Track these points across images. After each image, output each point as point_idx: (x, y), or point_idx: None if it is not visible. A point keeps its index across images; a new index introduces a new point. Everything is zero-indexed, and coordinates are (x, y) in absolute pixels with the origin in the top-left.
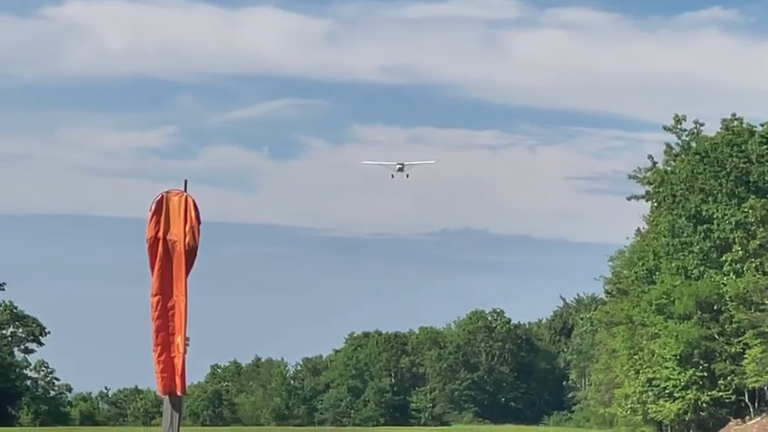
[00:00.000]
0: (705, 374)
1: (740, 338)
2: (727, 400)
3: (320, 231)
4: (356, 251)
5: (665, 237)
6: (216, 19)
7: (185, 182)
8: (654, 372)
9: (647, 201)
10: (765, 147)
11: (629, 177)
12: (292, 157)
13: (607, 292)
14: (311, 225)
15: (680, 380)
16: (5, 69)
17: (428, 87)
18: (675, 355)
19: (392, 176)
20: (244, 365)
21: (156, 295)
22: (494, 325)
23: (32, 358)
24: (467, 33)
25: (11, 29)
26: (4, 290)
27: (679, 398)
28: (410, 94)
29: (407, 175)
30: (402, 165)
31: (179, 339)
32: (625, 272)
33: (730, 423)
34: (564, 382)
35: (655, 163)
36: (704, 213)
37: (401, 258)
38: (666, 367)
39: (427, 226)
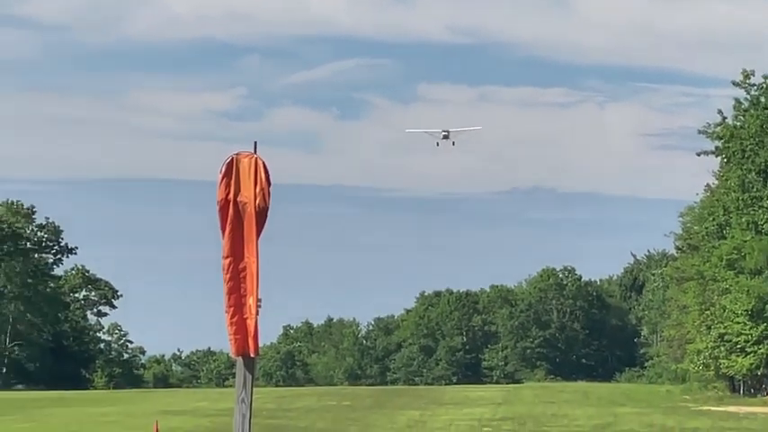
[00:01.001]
0: None
1: None
2: None
3: (389, 191)
4: (426, 210)
5: (734, 192)
6: None
7: (255, 144)
8: (725, 327)
9: (716, 156)
10: None
11: (699, 133)
12: (360, 117)
13: (678, 248)
14: (380, 185)
15: (752, 335)
16: (74, 34)
17: (495, 46)
18: (747, 310)
19: (437, 144)
20: (316, 326)
21: (227, 257)
22: (565, 282)
23: (105, 321)
24: None
25: None
26: (76, 254)
27: (751, 353)
28: (477, 53)
29: (453, 143)
30: (447, 132)
31: (251, 301)
32: (695, 227)
33: None
34: (635, 339)
35: (724, 118)
36: None
37: (471, 217)
38: (738, 322)
39: (497, 185)
